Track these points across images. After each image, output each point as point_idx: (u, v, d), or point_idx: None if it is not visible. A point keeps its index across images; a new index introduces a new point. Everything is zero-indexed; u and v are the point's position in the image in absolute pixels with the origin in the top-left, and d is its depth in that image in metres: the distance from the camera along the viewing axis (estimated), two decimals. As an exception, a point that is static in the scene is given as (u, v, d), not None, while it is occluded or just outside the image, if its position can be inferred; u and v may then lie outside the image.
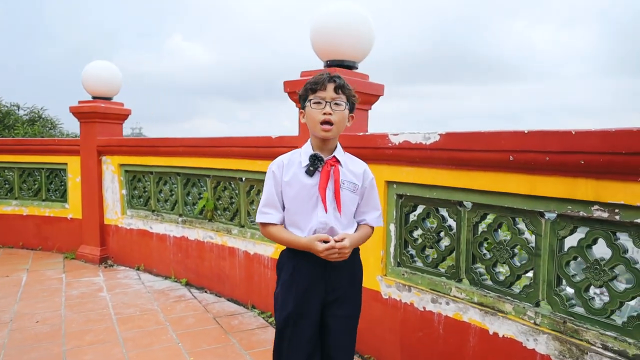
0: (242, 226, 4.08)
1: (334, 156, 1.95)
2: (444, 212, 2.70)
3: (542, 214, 2.21)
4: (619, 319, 1.97)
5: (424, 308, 2.69)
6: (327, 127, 1.86)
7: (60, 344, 3.19)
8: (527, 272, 2.31)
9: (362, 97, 3.22)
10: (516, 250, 2.36)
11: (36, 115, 11.93)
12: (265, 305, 3.83)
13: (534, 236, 2.24)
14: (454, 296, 2.57)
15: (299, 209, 1.92)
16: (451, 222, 2.68)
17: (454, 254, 2.63)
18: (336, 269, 1.95)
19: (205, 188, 4.47)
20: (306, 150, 1.96)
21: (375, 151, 2.83)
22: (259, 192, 3.92)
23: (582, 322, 2.05)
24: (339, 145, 2.00)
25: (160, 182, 4.94)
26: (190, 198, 4.64)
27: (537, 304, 2.23)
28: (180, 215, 4.70)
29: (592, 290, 2.09)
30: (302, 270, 1.94)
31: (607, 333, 1.95)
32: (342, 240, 1.87)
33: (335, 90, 1.88)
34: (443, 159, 2.51)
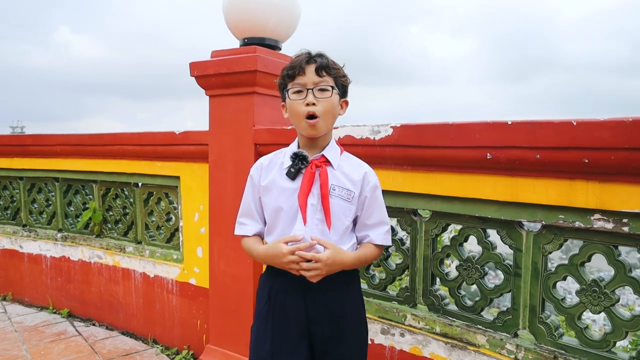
0: (139, 242, 3.33)
1: (322, 155, 1.56)
2: (393, 222, 2.23)
3: (521, 225, 1.80)
4: (624, 352, 1.61)
5: (372, 341, 2.20)
6: (313, 121, 1.48)
7: None
8: (502, 295, 1.90)
9: (287, 85, 2.68)
10: (487, 269, 1.95)
11: None
12: (169, 339, 3.12)
13: (512, 251, 1.83)
14: (410, 325, 2.10)
15: (278, 220, 1.56)
16: (403, 234, 2.22)
17: (407, 274, 2.18)
18: (320, 299, 1.53)
19: (91, 196, 3.63)
20: (291, 149, 1.60)
21: (309, 149, 2.29)
22: (160, 200, 3.20)
23: (577, 356, 1.66)
24: (332, 142, 1.59)
25: (33, 189, 3.98)
26: (72, 209, 3.76)
27: (517, 334, 1.83)
28: (60, 231, 3.81)
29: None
30: (279, 296, 1.56)
31: (611, 372, 1.58)
32: (321, 248, 1.47)
33: (318, 72, 1.47)
34: (396, 157, 2.03)
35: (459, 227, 2.00)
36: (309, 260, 1.45)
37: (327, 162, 1.55)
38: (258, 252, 1.60)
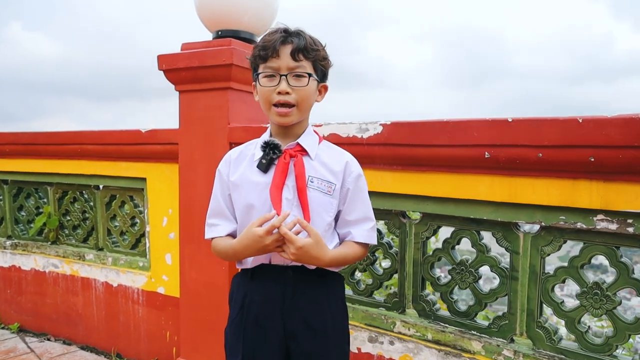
0: (101, 249, 3.09)
1: (297, 143, 1.41)
2: (381, 225, 2.14)
3: (517, 226, 1.74)
4: (627, 356, 1.57)
5: (359, 350, 2.09)
6: (283, 110, 1.34)
7: None
8: (497, 299, 1.84)
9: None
10: (481, 272, 1.87)
11: None
12: (135, 353, 2.91)
13: (508, 254, 1.77)
14: (400, 333, 2.00)
15: (250, 218, 1.38)
16: (391, 237, 2.12)
17: (395, 279, 2.08)
18: (299, 310, 1.38)
19: (45, 200, 3.35)
20: (263, 138, 1.44)
21: (290, 148, 2.15)
22: (123, 203, 2.98)
23: (577, 362, 1.62)
24: (309, 129, 1.44)
25: (-23, 193, 3.65)
26: (24, 214, 3.46)
27: (513, 340, 1.77)
28: (10, 238, 3.50)
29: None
30: (253, 303, 1.42)
31: (614, 376, 1.54)
32: (303, 230, 1.31)
33: (294, 55, 1.30)
34: (386, 157, 1.93)
35: (450, 229, 1.93)
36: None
37: (303, 151, 1.41)
38: (232, 246, 1.39)
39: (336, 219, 1.46)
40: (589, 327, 1.64)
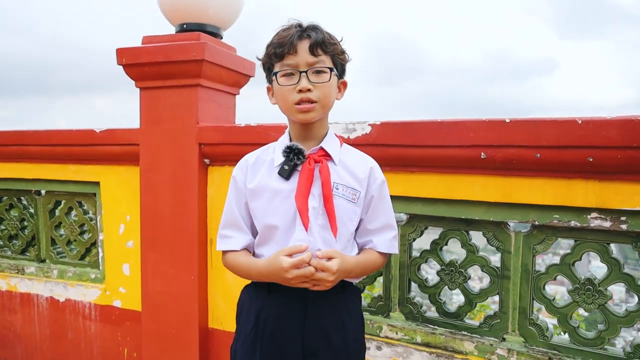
0: (43, 261, 2.79)
1: (320, 147, 1.32)
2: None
3: (507, 225, 1.76)
4: (617, 348, 1.63)
5: (344, 356, 2.03)
6: (306, 106, 1.25)
7: None
8: (487, 298, 1.84)
9: (229, 77, 2.39)
10: (470, 272, 1.87)
11: None
12: (87, 374, 2.66)
13: (499, 253, 1.78)
14: (387, 337, 1.96)
15: (271, 229, 1.32)
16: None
17: (381, 283, 2.04)
18: (319, 326, 1.30)
19: (-27, 208, 2.98)
20: (282, 142, 1.35)
21: (269, 149, 2.05)
22: (70, 210, 2.71)
23: (570, 356, 1.65)
24: (331, 132, 1.35)
25: None
26: (-55, 224, 3.06)
27: (504, 338, 1.78)
28: None
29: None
30: (269, 317, 1.32)
31: (608, 368, 1.58)
32: (327, 258, 1.24)
33: (313, 50, 1.22)
34: (375, 158, 1.85)
35: (438, 230, 1.91)
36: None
37: (327, 155, 1.33)
38: (254, 268, 1.32)
39: (356, 227, 1.40)
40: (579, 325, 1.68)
